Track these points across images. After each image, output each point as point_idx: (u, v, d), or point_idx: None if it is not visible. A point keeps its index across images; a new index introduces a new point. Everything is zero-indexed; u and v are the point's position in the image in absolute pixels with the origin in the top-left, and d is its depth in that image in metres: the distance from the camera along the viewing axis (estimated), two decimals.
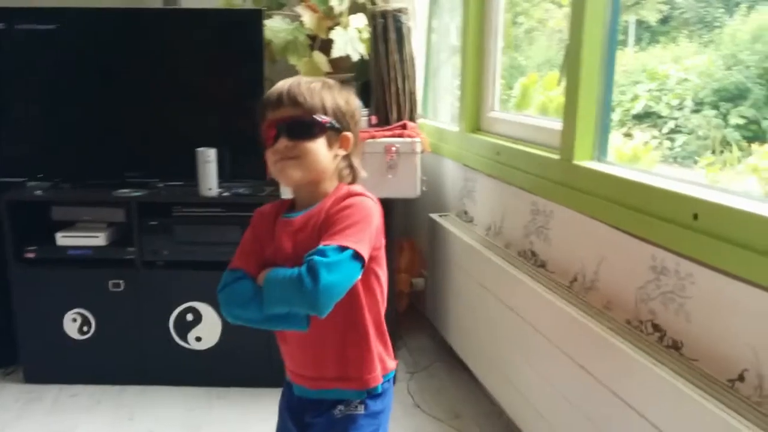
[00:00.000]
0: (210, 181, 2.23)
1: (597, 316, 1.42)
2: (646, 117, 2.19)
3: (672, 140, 2.10)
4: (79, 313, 2.29)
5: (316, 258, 1.00)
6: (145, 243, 2.26)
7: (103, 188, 2.29)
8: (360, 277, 1.07)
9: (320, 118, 1.10)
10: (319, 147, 1.10)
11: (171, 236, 2.25)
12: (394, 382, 1.25)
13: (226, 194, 2.26)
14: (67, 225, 2.32)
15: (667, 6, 2.21)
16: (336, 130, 1.12)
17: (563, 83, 1.70)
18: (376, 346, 1.17)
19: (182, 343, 2.30)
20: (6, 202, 2.20)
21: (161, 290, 2.28)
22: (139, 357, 2.32)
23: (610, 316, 1.42)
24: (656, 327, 1.30)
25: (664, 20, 2.23)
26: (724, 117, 1.94)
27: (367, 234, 1.06)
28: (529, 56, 2.83)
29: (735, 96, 1.92)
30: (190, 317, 2.28)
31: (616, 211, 1.38)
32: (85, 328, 2.30)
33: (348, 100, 1.15)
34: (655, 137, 2.13)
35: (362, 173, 1.20)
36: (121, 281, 2.27)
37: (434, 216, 2.51)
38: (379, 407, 1.18)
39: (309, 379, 1.19)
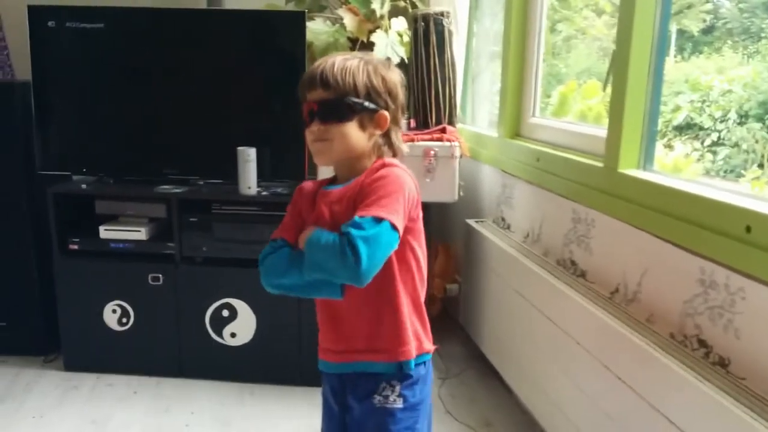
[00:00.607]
0: (249, 180, 2.25)
1: (639, 329, 1.39)
2: (687, 128, 2.15)
3: (714, 153, 2.05)
4: (119, 305, 2.34)
5: (354, 232, 1.00)
6: (184, 239, 2.29)
7: (145, 184, 2.34)
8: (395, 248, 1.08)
9: (351, 100, 1.10)
10: (349, 130, 1.11)
11: (210, 233, 2.29)
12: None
13: (265, 193, 2.29)
14: (110, 219, 2.37)
15: (710, 16, 2.16)
16: (370, 110, 1.12)
17: (608, 90, 1.68)
18: (411, 321, 1.16)
19: (217, 339, 2.33)
20: (53, 195, 2.26)
21: (199, 286, 2.32)
22: (175, 350, 2.36)
23: (653, 330, 1.39)
24: (702, 342, 1.26)
25: (707, 30, 2.18)
26: None
27: (401, 204, 1.06)
28: (568, 64, 2.80)
29: None
30: (225, 313, 2.31)
31: (663, 222, 1.35)
32: (124, 320, 2.35)
33: (385, 77, 1.14)
34: (696, 149, 2.09)
35: (403, 149, 1.19)
36: (160, 275, 2.31)
37: (470, 222, 2.49)
38: (417, 398, 1.17)
39: (339, 353, 1.19)
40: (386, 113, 1.14)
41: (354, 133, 1.12)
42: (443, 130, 2.41)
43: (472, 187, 2.60)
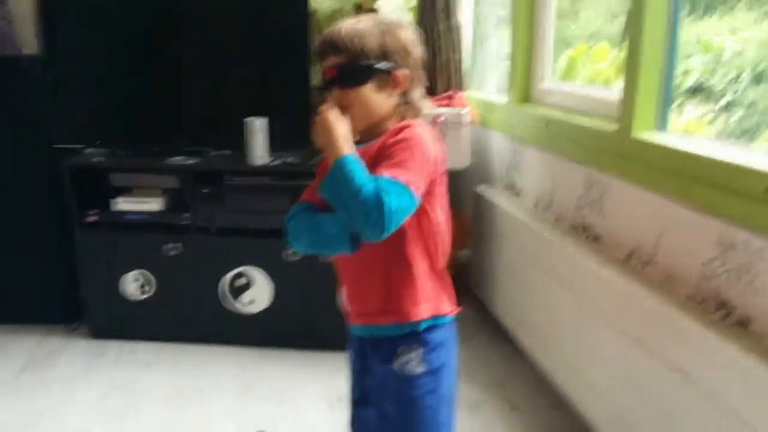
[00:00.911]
0: (259, 150, 2.25)
1: (656, 290, 1.41)
2: (698, 91, 2.13)
3: (728, 115, 2.03)
4: (141, 273, 2.38)
5: (389, 201, 0.97)
6: (198, 209, 2.31)
7: (158, 156, 2.34)
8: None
9: (363, 62, 1.09)
10: (367, 93, 1.10)
11: (222, 204, 2.30)
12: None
13: (275, 163, 2.28)
14: (125, 191, 2.39)
15: None
16: (385, 71, 1.10)
17: (622, 51, 1.67)
18: (424, 282, 1.14)
19: (236, 305, 2.37)
20: (68, 168, 2.28)
21: (214, 255, 2.35)
22: (195, 317, 2.41)
23: (671, 291, 1.42)
24: (721, 303, 1.29)
25: None
26: None
27: (424, 168, 1.06)
28: (577, 27, 2.77)
29: None
30: (243, 281, 2.35)
31: (679, 185, 1.37)
32: (146, 288, 2.39)
33: (397, 35, 1.12)
34: (708, 112, 2.08)
35: (424, 107, 1.18)
36: (177, 245, 2.34)
37: (480, 188, 2.50)
38: (439, 362, 1.17)
39: (357, 315, 1.21)
40: (402, 72, 1.12)
41: (372, 96, 1.11)
42: (451, 97, 2.41)
43: (481, 153, 2.60)
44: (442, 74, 2.49)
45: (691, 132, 2.02)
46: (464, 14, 2.58)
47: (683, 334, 1.27)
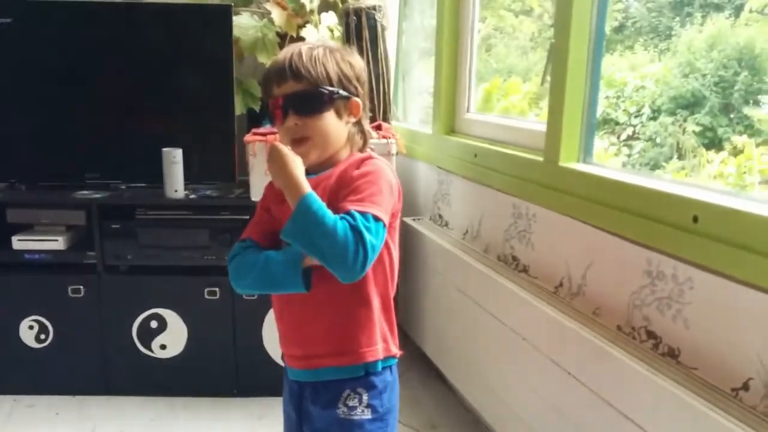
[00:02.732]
0: (176, 183, 2.14)
1: (586, 322, 1.39)
2: (604, 124, 2.20)
3: (630, 147, 2.11)
4: (36, 321, 2.16)
5: (368, 237, 0.95)
6: (106, 247, 2.14)
7: (63, 190, 2.18)
8: None
9: (326, 89, 1.06)
10: (328, 121, 1.08)
11: (134, 240, 2.15)
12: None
13: (192, 196, 2.18)
14: (24, 228, 2.19)
15: (621, 15, 2.23)
16: (344, 98, 1.09)
17: (531, 86, 1.69)
18: (380, 322, 1.12)
19: (146, 352, 2.20)
20: None
21: (124, 296, 2.18)
22: (100, 366, 2.21)
23: (600, 323, 1.40)
24: (651, 334, 1.27)
25: (618, 29, 2.24)
26: (680, 125, 1.97)
27: (389, 203, 1.05)
28: (487, 61, 2.84)
29: (691, 104, 1.95)
30: (154, 324, 2.18)
31: (606, 214, 1.36)
32: (42, 336, 2.17)
33: (352, 62, 1.11)
34: (613, 144, 2.14)
35: (373, 135, 1.19)
36: (81, 287, 2.15)
37: (407, 220, 2.46)
38: (386, 407, 1.12)
39: (302, 358, 1.14)
40: (358, 100, 1.11)
41: (333, 124, 1.08)
42: (378, 127, 2.36)
43: (407, 184, 2.56)
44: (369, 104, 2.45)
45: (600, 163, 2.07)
46: (390, 45, 2.57)
47: (613, 366, 1.24)
